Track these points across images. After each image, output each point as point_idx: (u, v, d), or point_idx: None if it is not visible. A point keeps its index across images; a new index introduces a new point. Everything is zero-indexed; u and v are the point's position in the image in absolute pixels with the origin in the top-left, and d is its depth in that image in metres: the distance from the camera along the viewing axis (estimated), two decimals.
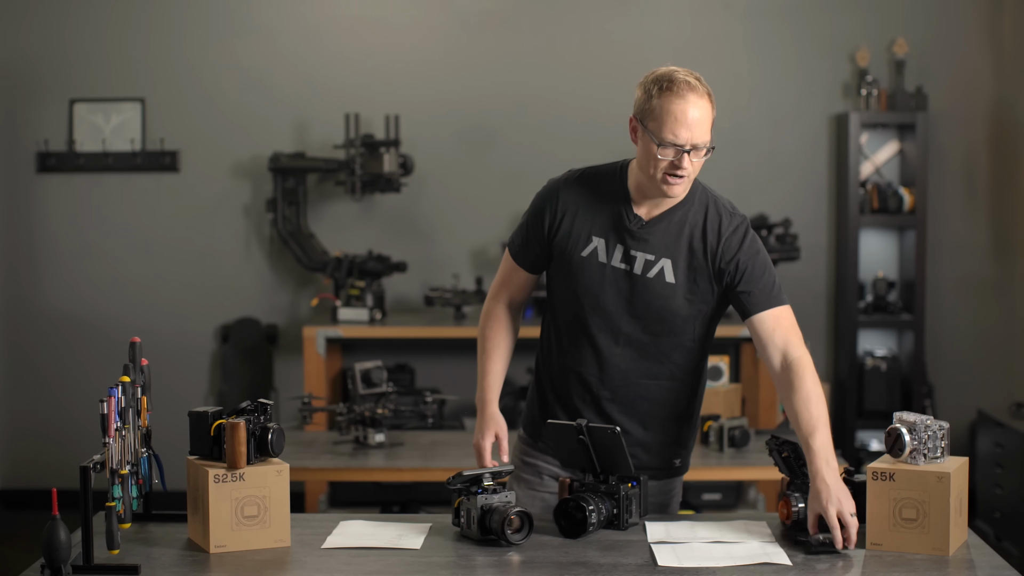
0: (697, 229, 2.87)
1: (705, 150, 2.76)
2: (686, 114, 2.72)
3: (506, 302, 3.08)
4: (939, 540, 2.59)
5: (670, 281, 2.86)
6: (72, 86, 6.37)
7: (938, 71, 6.35)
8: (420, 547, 2.66)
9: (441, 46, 6.41)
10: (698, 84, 2.75)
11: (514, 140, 6.37)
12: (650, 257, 2.86)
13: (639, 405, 2.95)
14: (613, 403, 2.95)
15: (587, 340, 2.93)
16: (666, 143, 2.73)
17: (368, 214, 6.41)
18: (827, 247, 6.42)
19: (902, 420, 2.66)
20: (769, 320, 2.85)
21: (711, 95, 2.78)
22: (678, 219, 2.87)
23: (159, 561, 2.58)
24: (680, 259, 2.86)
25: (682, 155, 2.74)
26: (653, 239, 2.86)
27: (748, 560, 2.56)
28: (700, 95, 2.74)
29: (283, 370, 6.41)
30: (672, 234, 2.87)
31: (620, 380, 2.93)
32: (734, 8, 6.37)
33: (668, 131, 2.73)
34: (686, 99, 2.72)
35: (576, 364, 2.96)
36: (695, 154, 2.75)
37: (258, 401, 2.70)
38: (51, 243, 6.43)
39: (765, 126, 6.40)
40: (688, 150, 2.74)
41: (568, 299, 2.94)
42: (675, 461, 3.03)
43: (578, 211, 2.91)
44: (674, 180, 2.77)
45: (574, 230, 2.90)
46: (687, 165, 2.75)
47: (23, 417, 6.47)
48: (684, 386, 2.98)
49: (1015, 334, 6.40)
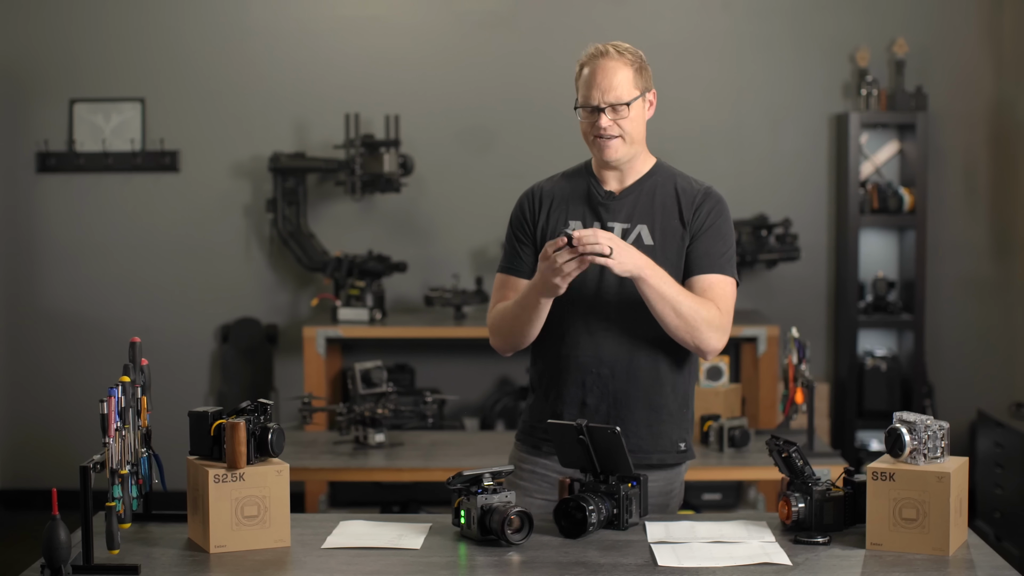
0: (669, 196, 2.98)
1: (628, 107, 2.89)
2: (594, 75, 2.90)
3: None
4: (939, 540, 2.59)
5: (649, 244, 2.94)
6: (72, 86, 6.38)
7: (938, 71, 6.35)
8: (420, 547, 2.67)
9: (441, 46, 6.41)
10: (611, 49, 2.90)
11: (514, 140, 6.37)
12: (626, 225, 2.96)
13: (640, 377, 2.97)
14: (614, 379, 2.96)
15: (580, 322, 2.96)
16: (583, 107, 2.92)
17: (368, 214, 6.41)
18: (827, 247, 6.42)
19: (902, 420, 2.66)
20: (704, 283, 2.93)
21: (635, 60, 2.91)
22: (647, 188, 2.99)
23: (159, 561, 2.58)
24: (656, 222, 2.96)
25: (598, 114, 2.89)
26: (626, 209, 2.98)
27: (748, 560, 2.56)
28: (611, 58, 2.90)
29: (283, 370, 6.41)
30: (644, 202, 2.98)
31: (617, 355, 2.95)
32: (734, 8, 6.37)
33: (582, 97, 2.93)
34: (595, 63, 2.91)
35: (572, 349, 2.98)
36: (613, 113, 2.89)
37: (258, 401, 2.70)
38: (51, 243, 6.43)
39: (765, 126, 6.40)
40: (602, 108, 2.89)
41: None
42: (680, 444, 3.04)
43: (552, 202, 3.03)
44: (604, 141, 2.92)
45: (551, 219, 3.02)
46: (605, 123, 2.89)
47: (23, 417, 6.47)
48: (677, 355, 3.00)
49: (1015, 334, 6.39)
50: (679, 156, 6.45)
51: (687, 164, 6.14)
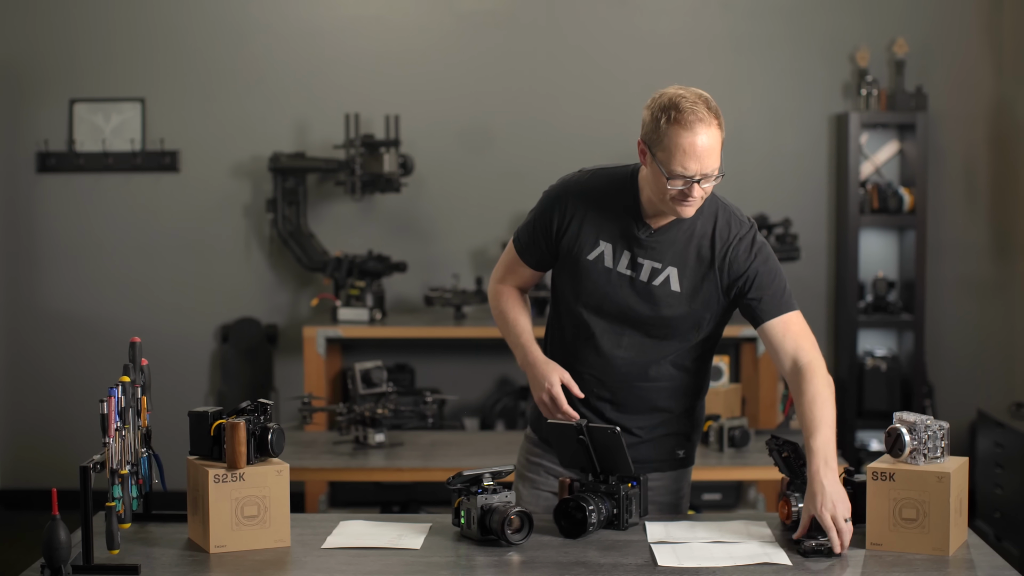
0: (706, 239, 2.85)
1: (715, 176, 2.73)
2: (695, 147, 2.68)
3: (512, 285, 3.08)
4: (939, 540, 2.59)
5: (675, 290, 2.86)
6: (72, 86, 6.37)
7: (938, 71, 6.35)
8: (420, 547, 2.67)
9: (441, 46, 6.41)
10: (706, 113, 2.69)
11: (514, 140, 6.37)
12: (657, 265, 2.86)
13: (638, 406, 2.95)
14: (612, 404, 2.95)
15: (590, 341, 2.93)
16: (676, 175, 2.70)
17: (368, 214, 6.41)
18: (827, 247, 6.42)
19: (902, 420, 2.66)
20: (779, 327, 2.86)
21: (719, 118, 2.72)
22: (686, 228, 2.86)
23: (159, 561, 2.58)
24: (687, 268, 2.85)
25: (692, 185, 2.71)
26: (660, 247, 2.85)
27: (748, 560, 2.56)
28: (708, 124, 2.69)
29: (283, 370, 6.41)
30: (680, 243, 2.85)
31: (621, 382, 2.93)
32: (734, 8, 6.37)
33: (678, 164, 2.69)
34: (695, 131, 2.68)
35: (577, 363, 2.96)
36: (705, 181, 2.73)
37: (258, 401, 2.70)
38: (51, 243, 6.43)
39: (765, 126, 6.40)
40: (698, 180, 2.71)
41: (572, 299, 2.94)
42: (678, 452, 3.03)
43: (586, 215, 2.88)
44: (686, 204, 2.75)
45: (582, 233, 2.89)
46: (698, 193, 2.73)
47: (23, 417, 6.47)
48: (686, 386, 2.98)
49: (1015, 334, 6.39)
50: None
51: None
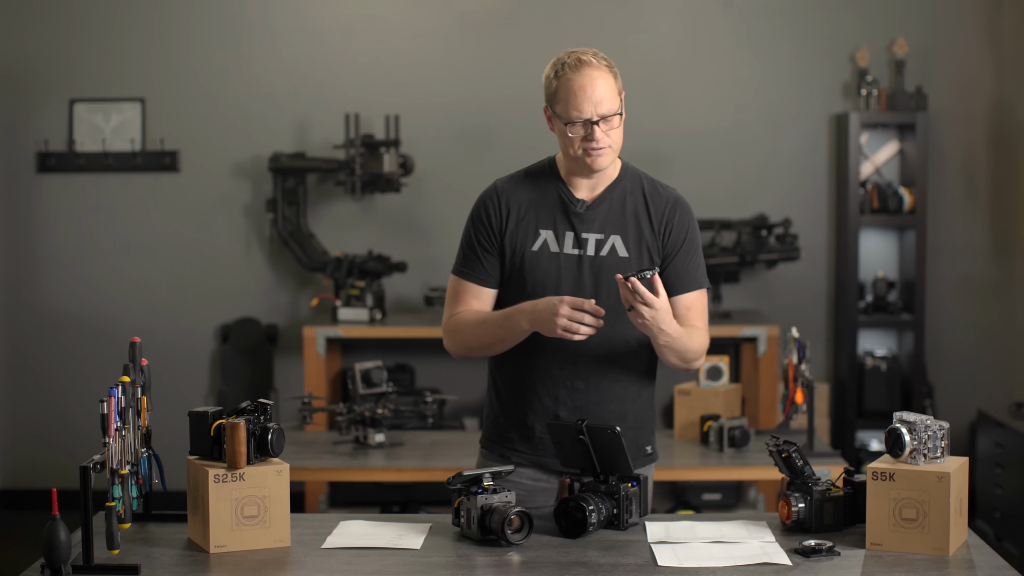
0: (639, 203, 2.96)
1: (615, 118, 2.85)
2: (584, 88, 2.82)
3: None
4: (939, 540, 2.59)
5: (624, 255, 2.92)
6: (72, 86, 6.38)
7: (938, 71, 6.35)
8: (420, 547, 2.67)
9: (441, 46, 6.41)
10: (592, 58, 2.84)
11: (514, 140, 6.36)
12: (600, 236, 2.93)
13: (613, 390, 2.96)
14: (587, 392, 2.94)
15: (553, 338, 2.85)
16: (573, 120, 2.83)
17: (368, 214, 6.41)
18: (827, 247, 6.42)
19: (902, 420, 2.66)
20: (686, 302, 2.95)
21: (611, 66, 2.87)
22: (618, 195, 2.95)
23: (159, 561, 2.58)
24: (629, 232, 2.94)
25: (592, 127, 2.83)
26: (599, 218, 2.94)
27: (748, 560, 2.56)
28: (596, 67, 2.84)
29: (283, 370, 6.41)
30: (616, 210, 2.95)
31: (592, 370, 2.94)
32: (734, 8, 6.37)
33: (573, 108, 2.83)
34: (582, 73, 2.83)
35: (548, 363, 2.94)
36: (604, 124, 2.84)
37: (258, 401, 2.70)
38: (51, 243, 6.43)
39: (765, 126, 6.40)
40: (596, 121, 2.82)
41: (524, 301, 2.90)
42: (646, 448, 3.05)
43: (520, 208, 2.96)
44: (595, 152, 2.86)
45: (520, 227, 2.95)
46: (600, 136, 2.84)
47: (23, 417, 6.47)
48: (646, 361, 3.00)
49: (1015, 334, 6.39)
50: (679, 156, 6.50)
51: (687, 164, 6.20)
